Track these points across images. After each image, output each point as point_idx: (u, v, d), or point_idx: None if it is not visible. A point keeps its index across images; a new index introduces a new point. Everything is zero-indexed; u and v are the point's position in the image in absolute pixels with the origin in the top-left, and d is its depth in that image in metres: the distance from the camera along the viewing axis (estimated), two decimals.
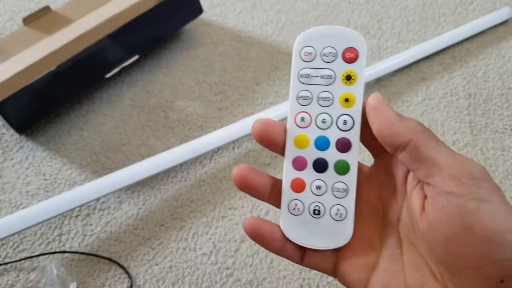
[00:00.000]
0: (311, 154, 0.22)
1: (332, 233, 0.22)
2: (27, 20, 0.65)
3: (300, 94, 0.23)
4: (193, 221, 0.53)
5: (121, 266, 0.49)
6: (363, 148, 0.24)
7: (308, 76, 0.22)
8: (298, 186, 0.22)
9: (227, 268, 0.49)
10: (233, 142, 0.59)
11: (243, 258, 0.50)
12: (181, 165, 0.58)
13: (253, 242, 0.50)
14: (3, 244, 0.51)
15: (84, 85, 0.63)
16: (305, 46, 0.23)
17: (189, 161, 0.58)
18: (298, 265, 0.48)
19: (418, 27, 0.75)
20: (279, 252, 0.23)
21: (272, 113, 0.59)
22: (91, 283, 0.48)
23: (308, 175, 0.22)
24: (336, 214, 0.22)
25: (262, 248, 0.50)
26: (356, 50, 0.22)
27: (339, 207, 0.22)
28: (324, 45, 0.22)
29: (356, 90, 0.22)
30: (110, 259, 0.50)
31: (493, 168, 0.57)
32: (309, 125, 0.23)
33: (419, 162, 0.19)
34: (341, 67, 0.22)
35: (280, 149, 0.24)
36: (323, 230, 0.22)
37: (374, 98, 0.21)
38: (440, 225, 0.19)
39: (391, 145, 0.20)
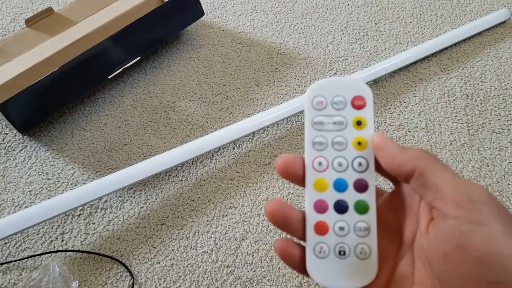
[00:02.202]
0: (331, 196, 0.23)
1: (358, 272, 0.23)
2: (29, 22, 0.66)
3: (315, 140, 0.24)
4: (194, 220, 0.53)
5: (123, 264, 0.50)
6: None
7: (321, 123, 0.24)
8: (322, 229, 0.23)
9: (228, 266, 0.50)
10: (234, 142, 0.60)
11: (244, 256, 0.50)
12: (182, 164, 0.58)
13: (254, 241, 0.51)
14: (5, 243, 0.51)
15: (87, 86, 0.64)
16: (316, 96, 0.24)
17: (190, 161, 0.59)
18: None
19: (416, 28, 0.76)
20: (303, 272, 0.24)
21: (272, 114, 0.60)
22: (93, 281, 0.49)
23: (330, 217, 0.23)
24: (361, 253, 0.23)
25: (262, 246, 0.51)
26: (364, 97, 0.24)
27: (363, 245, 0.23)
28: (333, 94, 0.24)
29: (367, 134, 0.24)
30: (112, 258, 0.50)
31: (490, 168, 0.57)
32: (326, 168, 0.23)
33: (425, 188, 0.21)
34: (351, 114, 0.24)
35: (300, 181, 0.24)
36: (349, 270, 0.23)
37: (377, 137, 0.23)
38: (438, 244, 0.20)
39: (400, 176, 0.22)
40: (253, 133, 0.61)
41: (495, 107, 0.64)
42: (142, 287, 0.48)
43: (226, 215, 0.54)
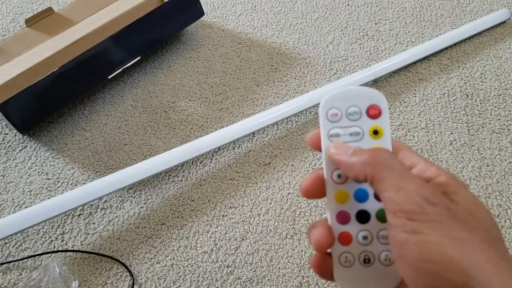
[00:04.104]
0: (353, 207, 0.23)
1: (383, 277, 0.23)
2: (29, 22, 0.66)
3: None
4: (194, 220, 0.53)
5: (123, 264, 0.50)
6: None
7: (337, 135, 0.24)
8: (346, 240, 0.23)
9: (228, 266, 0.50)
10: (234, 142, 0.60)
11: (244, 256, 0.50)
12: (182, 164, 0.58)
13: (254, 241, 0.51)
14: (5, 243, 0.51)
15: (87, 86, 0.64)
16: (331, 108, 0.24)
17: (190, 161, 0.59)
18: (297, 263, 0.49)
19: (416, 28, 0.76)
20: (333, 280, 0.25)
21: (272, 114, 0.60)
22: (93, 281, 0.49)
23: (353, 227, 0.23)
24: (385, 260, 0.23)
25: (262, 246, 0.51)
26: (379, 106, 0.23)
27: (387, 253, 0.23)
28: (348, 105, 0.24)
29: (385, 143, 0.23)
30: (112, 258, 0.50)
31: (490, 168, 0.57)
32: (346, 180, 0.23)
33: (378, 194, 0.21)
34: (367, 124, 0.23)
35: (323, 195, 0.25)
36: (375, 276, 0.23)
37: (332, 150, 0.23)
38: (392, 253, 0.21)
39: (364, 182, 0.22)
40: (253, 133, 0.61)
41: (495, 107, 0.64)
42: (142, 287, 0.48)
43: (226, 215, 0.54)
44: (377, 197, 0.23)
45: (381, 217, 0.23)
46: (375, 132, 0.23)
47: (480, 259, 0.18)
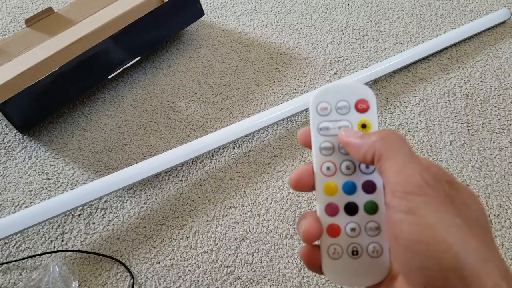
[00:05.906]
0: (341, 199, 0.24)
1: (372, 269, 0.23)
2: (29, 22, 0.66)
3: (322, 146, 0.24)
4: (194, 220, 0.53)
5: (123, 265, 0.50)
6: None
7: (327, 128, 0.24)
8: (334, 231, 0.24)
9: (228, 266, 0.50)
10: (234, 142, 0.60)
11: (243, 256, 0.50)
12: (182, 164, 0.58)
13: (254, 241, 0.51)
14: (5, 243, 0.51)
15: (87, 86, 0.64)
16: (320, 102, 0.25)
17: (190, 161, 0.59)
18: (297, 263, 0.49)
19: (416, 28, 0.76)
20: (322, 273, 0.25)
21: (272, 114, 0.60)
22: (93, 281, 0.49)
23: (342, 219, 0.24)
24: (373, 252, 0.23)
25: (262, 246, 0.51)
26: (367, 101, 0.24)
27: (375, 244, 0.23)
28: (337, 99, 0.24)
29: None
30: (112, 258, 0.50)
31: (490, 168, 0.57)
32: (334, 173, 0.24)
33: (381, 173, 0.21)
34: (356, 117, 0.24)
35: (312, 189, 0.25)
36: (363, 268, 0.23)
37: (342, 132, 0.24)
38: (387, 231, 0.22)
39: (370, 163, 0.22)
40: (253, 133, 0.61)
41: (495, 107, 0.64)
42: (142, 287, 0.48)
43: (226, 215, 0.54)
44: (365, 190, 0.23)
45: (369, 209, 0.23)
46: (363, 126, 0.24)
47: (470, 245, 0.18)
